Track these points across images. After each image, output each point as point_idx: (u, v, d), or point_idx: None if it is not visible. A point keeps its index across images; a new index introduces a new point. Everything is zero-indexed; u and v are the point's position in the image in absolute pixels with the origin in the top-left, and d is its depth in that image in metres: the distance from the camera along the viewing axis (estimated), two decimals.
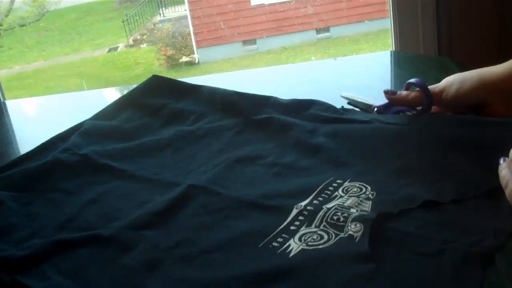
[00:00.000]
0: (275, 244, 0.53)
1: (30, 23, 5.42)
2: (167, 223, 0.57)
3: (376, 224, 0.53)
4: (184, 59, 5.01)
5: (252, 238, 0.54)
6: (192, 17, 5.13)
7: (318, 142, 0.70)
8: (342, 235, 0.53)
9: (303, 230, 0.54)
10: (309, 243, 0.52)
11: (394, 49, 1.24)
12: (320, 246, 0.52)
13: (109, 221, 0.58)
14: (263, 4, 5.03)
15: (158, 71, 4.69)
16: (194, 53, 5.08)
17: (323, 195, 0.60)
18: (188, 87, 0.84)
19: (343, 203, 0.58)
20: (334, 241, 0.52)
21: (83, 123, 0.76)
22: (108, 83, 4.53)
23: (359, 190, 0.60)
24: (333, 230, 0.54)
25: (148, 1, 5.95)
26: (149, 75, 0.85)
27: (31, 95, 3.73)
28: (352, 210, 0.57)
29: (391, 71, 0.95)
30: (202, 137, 0.74)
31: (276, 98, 0.79)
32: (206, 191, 0.62)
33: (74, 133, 0.74)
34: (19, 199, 0.61)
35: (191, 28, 5.13)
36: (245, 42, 5.08)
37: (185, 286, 0.49)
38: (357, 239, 0.52)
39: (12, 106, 1.00)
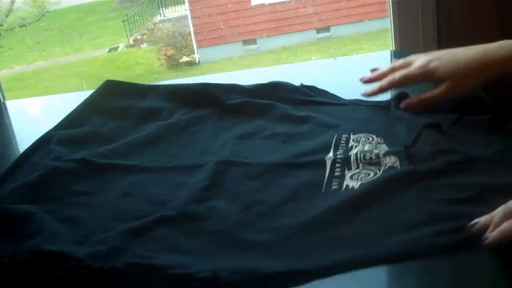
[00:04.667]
0: (335, 187, 0.57)
1: (30, 23, 5.42)
2: (223, 194, 0.57)
3: (409, 151, 0.60)
4: (184, 59, 5.01)
5: (311, 188, 0.57)
6: (192, 17, 5.13)
7: (303, 115, 0.73)
8: (383, 168, 0.58)
9: (348, 173, 0.59)
10: (363, 179, 0.57)
11: (394, 49, 1.24)
12: (372, 179, 0.56)
13: (160, 205, 0.56)
14: (263, 4, 5.03)
15: (158, 71, 4.69)
16: (194, 53, 5.08)
17: (340, 147, 0.64)
18: (146, 88, 0.83)
19: (362, 149, 0.63)
20: (380, 173, 0.57)
21: (51, 135, 0.72)
22: None
23: (367, 139, 0.65)
24: (372, 167, 0.59)
25: (148, 1, 5.95)
26: (149, 75, 0.85)
27: (31, 95, 3.73)
28: (375, 151, 0.61)
29: None
30: (186, 127, 0.73)
31: (240, 85, 0.81)
32: (235, 164, 0.63)
33: (41, 146, 0.70)
34: (42, 209, 0.57)
35: (191, 28, 5.13)
36: (245, 42, 5.08)
37: (279, 233, 0.50)
38: (398, 167, 0.58)
39: (12, 106, 1.00)
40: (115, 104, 0.80)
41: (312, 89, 0.81)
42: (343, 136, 0.67)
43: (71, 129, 0.75)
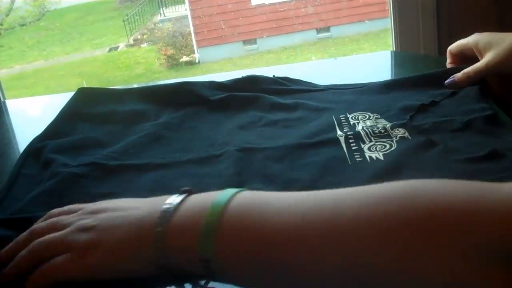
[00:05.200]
0: (359, 159, 0.58)
1: (30, 22, 5.42)
2: (255, 177, 0.57)
3: (412, 124, 0.63)
4: (185, 58, 5.01)
5: (337, 162, 0.58)
6: (193, 17, 5.13)
7: (291, 102, 0.74)
8: (395, 139, 0.60)
9: (364, 146, 0.60)
10: (381, 150, 0.59)
11: (394, 49, 1.24)
12: (391, 150, 0.59)
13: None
14: (263, 4, 5.03)
15: (158, 70, 4.69)
16: (194, 53, 5.08)
17: (344, 126, 0.65)
18: (120, 92, 0.83)
19: (365, 124, 0.64)
20: (396, 145, 0.59)
21: (36, 146, 0.70)
22: (108, 83, 4.53)
23: (364, 116, 0.67)
24: (385, 139, 0.61)
25: (148, 1, 5.95)
26: (149, 75, 0.85)
27: (31, 95, 3.73)
28: (379, 126, 0.63)
29: (391, 71, 0.95)
30: (181, 124, 0.73)
31: (217, 81, 0.81)
32: (253, 150, 0.63)
33: (31, 158, 0.68)
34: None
35: (191, 28, 5.13)
36: (245, 42, 5.08)
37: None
38: (409, 137, 0.60)
39: (12, 105, 0.99)
40: (96, 110, 0.78)
41: (287, 79, 0.82)
42: (341, 116, 0.68)
43: (57, 138, 0.72)
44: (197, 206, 0.39)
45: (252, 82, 0.81)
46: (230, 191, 0.39)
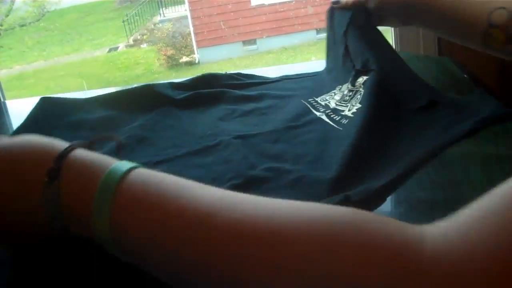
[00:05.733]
0: (345, 122, 0.62)
1: (30, 23, 5.42)
2: (264, 159, 0.58)
3: (360, 69, 0.68)
4: (184, 59, 5.01)
5: (330, 133, 0.61)
6: (192, 17, 5.14)
7: (254, 93, 0.76)
8: (361, 88, 0.65)
9: (344, 112, 0.64)
10: (358, 102, 0.63)
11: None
12: (363, 96, 0.63)
13: (211, 182, 0.55)
14: (263, 4, 5.04)
15: (158, 71, 4.69)
16: (194, 53, 5.08)
17: (318, 108, 0.68)
18: (82, 101, 0.82)
19: (336, 100, 0.67)
20: (363, 90, 0.64)
21: None
22: (108, 83, 4.53)
23: (331, 95, 0.69)
24: (356, 95, 0.65)
25: (148, 1, 5.95)
26: (149, 75, 0.86)
27: (31, 95, 3.73)
28: (345, 91, 0.67)
29: None
30: (157, 124, 0.72)
31: (176, 81, 0.82)
32: (246, 136, 0.63)
33: None
34: None
35: (191, 28, 5.13)
36: (245, 42, 5.08)
37: (347, 166, 0.54)
38: (367, 76, 0.66)
39: (12, 106, 0.99)
40: (66, 119, 0.77)
41: (241, 74, 0.85)
42: (309, 100, 0.70)
43: None
44: (88, 173, 0.37)
45: (210, 79, 0.83)
46: (125, 165, 0.37)
